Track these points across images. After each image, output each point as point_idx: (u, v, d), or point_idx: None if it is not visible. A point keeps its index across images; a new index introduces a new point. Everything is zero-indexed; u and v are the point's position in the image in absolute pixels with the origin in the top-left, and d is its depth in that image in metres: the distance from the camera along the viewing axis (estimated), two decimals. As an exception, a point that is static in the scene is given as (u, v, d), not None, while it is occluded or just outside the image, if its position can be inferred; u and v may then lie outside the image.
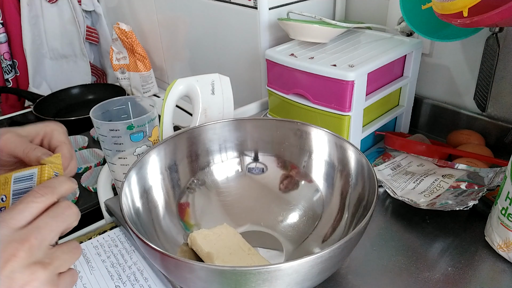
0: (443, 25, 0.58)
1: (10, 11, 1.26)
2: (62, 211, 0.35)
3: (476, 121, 0.73)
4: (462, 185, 0.57)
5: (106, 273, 0.54)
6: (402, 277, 0.49)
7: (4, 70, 1.31)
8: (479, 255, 0.51)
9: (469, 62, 0.72)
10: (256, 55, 0.86)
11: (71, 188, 0.37)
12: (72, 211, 0.35)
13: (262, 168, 0.62)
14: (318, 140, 0.57)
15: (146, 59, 1.18)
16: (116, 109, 0.60)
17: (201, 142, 0.60)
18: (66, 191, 0.36)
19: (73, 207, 0.35)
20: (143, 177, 0.53)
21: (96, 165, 0.88)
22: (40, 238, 0.32)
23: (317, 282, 0.43)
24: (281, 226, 0.57)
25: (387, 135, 0.69)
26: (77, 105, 1.22)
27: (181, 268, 0.40)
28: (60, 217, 0.34)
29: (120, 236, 0.61)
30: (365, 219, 0.41)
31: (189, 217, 0.57)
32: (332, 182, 0.56)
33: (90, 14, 1.41)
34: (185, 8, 1.02)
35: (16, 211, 0.33)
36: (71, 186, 0.37)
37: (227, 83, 0.65)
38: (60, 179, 0.37)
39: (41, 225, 0.33)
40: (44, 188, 0.35)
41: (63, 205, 0.35)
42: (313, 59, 0.65)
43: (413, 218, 0.58)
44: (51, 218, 0.34)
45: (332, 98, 0.63)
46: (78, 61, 1.40)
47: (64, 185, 0.36)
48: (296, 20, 0.72)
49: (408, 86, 0.72)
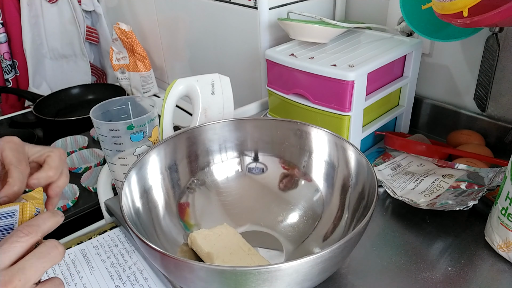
0: (443, 25, 0.58)
1: (10, 11, 1.26)
2: (48, 251, 0.34)
3: (476, 121, 0.73)
4: (462, 185, 0.57)
5: (106, 273, 0.54)
6: (402, 277, 0.49)
7: (4, 70, 1.31)
8: (479, 255, 0.51)
9: (469, 62, 0.72)
10: (256, 55, 0.86)
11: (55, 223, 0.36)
12: (58, 251, 0.35)
13: (262, 168, 0.62)
14: (318, 140, 0.57)
15: (146, 59, 1.18)
16: (116, 109, 0.60)
17: (201, 142, 0.60)
18: (49, 228, 0.36)
19: (59, 247, 0.35)
20: (143, 177, 0.53)
21: (96, 165, 0.88)
22: (24, 280, 0.32)
23: (317, 282, 0.43)
24: (281, 226, 0.57)
25: (387, 135, 0.69)
26: (77, 105, 1.22)
27: (181, 268, 0.40)
28: (46, 257, 0.34)
29: (120, 236, 0.61)
30: (365, 219, 0.41)
31: (189, 217, 0.57)
32: (332, 182, 0.56)
33: (90, 14, 1.41)
34: (185, 8, 1.02)
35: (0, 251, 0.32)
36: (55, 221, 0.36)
37: (227, 83, 0.65)
38: (44, 216, 0.36)
39: (26, 266, 0.32)
40: (27, 227, 0.34)
41: (49, 245, 0.35)
42: (313, 59, 0.65)
43: (413, 218, 0.58)
44: (37, 258, 0.33)
45: (332, 98, 0.63)
46: (78, 61, 1.40)
47: (48, 222, 0.36)
48: (296, 20, 0.72)
49: (408, 86, 0.72)
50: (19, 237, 0.33)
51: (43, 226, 0.35)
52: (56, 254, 0.34)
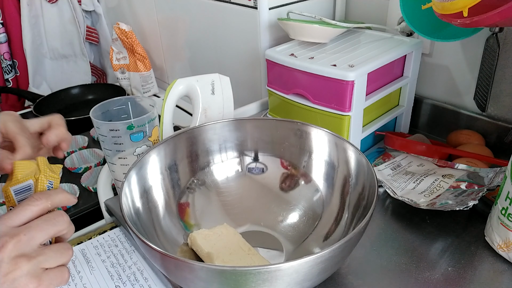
0: (443, 25, 0.58)
1: (10, 11, 1.26)
2: (54, 216, 0.39)
3: (476, 121, 0.73)
4: (462, 185, 0.57)
5: (106, 273, 0.54)
6: (402, 277, 0.49)
7: (4, 70, 1.31)
8: (479, 255, 0.51)
9: (469, 62, 0.72)
10: (256, 55, 0.86)
11: (67, 199, 0.41)
12: (63, 218, 0.39)
13: (262, 168, 0.62)
14: (318, 140, 0.57)
15: (146, 59, 1.18)
16: (116, 109, 0.60)
17: (201, 142, 0.60)
18: (60, 200, 0.40)
19: (64, 216, 0.39)
20: (143, 177, 0.53)
21: (96, 165, 0.88)
22: (29, 235, 0.36)
23: (317, 282, 0.43)
24: (281, 226, 0.57)
25: (387, 135, 0.69)
26: (77, 105, 1.22)
27: (181, 268, 0.40)
28: (51, 221, 0.38)
29: (120, 236, 0.61)
30: (365, 219, 0.41)
31: (189, 217, 0.57)
32: (332, 182, 0.56)
33: (90, 14, 1.41)
34: (185, 8, 1.02)
35: (13, 213, 0.37)
36: (67, 197, 0.41)
37: (227, 83, 0.65)
38: (57, 190, 0.41)
39: (32, 225, 0.37)
40: (40, 194, 0.39)
41: (56, 212, 0.39)
42: (313, 59, 0.65)
43: (413, 218, 0.58)
44: (43, 221, 0.38)
45: (332, 98, 0.63)
46: (78, 61, 1.40)
47: (60, 194, 0.40)
48: (296, 20, 0.72)
49: (408, 86, 0.72)
50: (30, 202, 0.38)
51: (54, 196, 0.39)
52: (60, 220, 0.39)
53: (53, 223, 0.38)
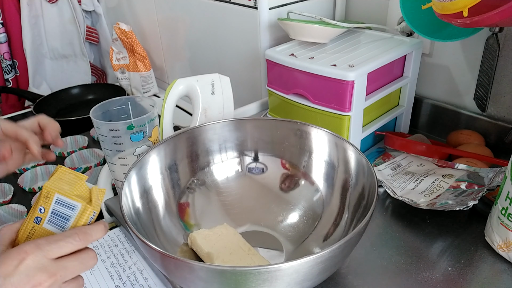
0: (443, 25, 0.58)
1: (10, 11, 1.26)
2: (88, 260, 0.40)
3: (476, 121, 0.73)
4: (462, 185, 0.57)
5: (106, 273, 0.54)
6: (402, 277, 0.49)
7: (4, 70, 1.31)
8: (479, 255, 0.51)
9: (469, 62, 0.72)
10: (256, 55, 0.86)
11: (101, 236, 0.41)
12: (94, 262, 0.41)
13: (262, 168, 0.62)
14: (318, 140, 0.57)
15: (146, 59, 1.18)
16: (116, 109, 0.60)
17: (201, 142, 0.60)
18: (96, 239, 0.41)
19: (95, 259, 0.41)
20: (143, 177, 0.53)
21: (96, 165, 0.88)
22: (62, 277, 0.38)
23: (317, 282, 0.43)
24: (281, 226, 0.57)
25: (387, 135, 0.69)
26: (77, 105, 1.22)
27: (181, 268, 0.40)
28: (85, 264, 0.40)
29: (120, 236, 0.61)
30: (365, 219, 0.41)
31: (189, 217, 0.57)
32: (332, 182, 0.56)
33: (90, 14, 1.41)
34: (185, 8, 1.02)
35: (56, 245, 0.38)
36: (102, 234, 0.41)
37: (227, 83, 0.65)
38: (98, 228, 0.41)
39: (68, 266, 0.38)
40: (83, 234, 0.39)
41: (91, 255, 0.40)
42: (313, 59, 0.65)
43: (413, 218, 0.58)
44: (79, 262, 0.39)
45: (332, 98, 0.63)
46: (78, 61, 1.40)
47: (99, 234, 0.41)
48: (296, 20, 0.72)
49: (408, 86, 0.72)
50: (73, 239, 0.39)
51: (94, 237, 0.40)
52: (92, 263, 0.40)
53: (85, 266, 0.40)
